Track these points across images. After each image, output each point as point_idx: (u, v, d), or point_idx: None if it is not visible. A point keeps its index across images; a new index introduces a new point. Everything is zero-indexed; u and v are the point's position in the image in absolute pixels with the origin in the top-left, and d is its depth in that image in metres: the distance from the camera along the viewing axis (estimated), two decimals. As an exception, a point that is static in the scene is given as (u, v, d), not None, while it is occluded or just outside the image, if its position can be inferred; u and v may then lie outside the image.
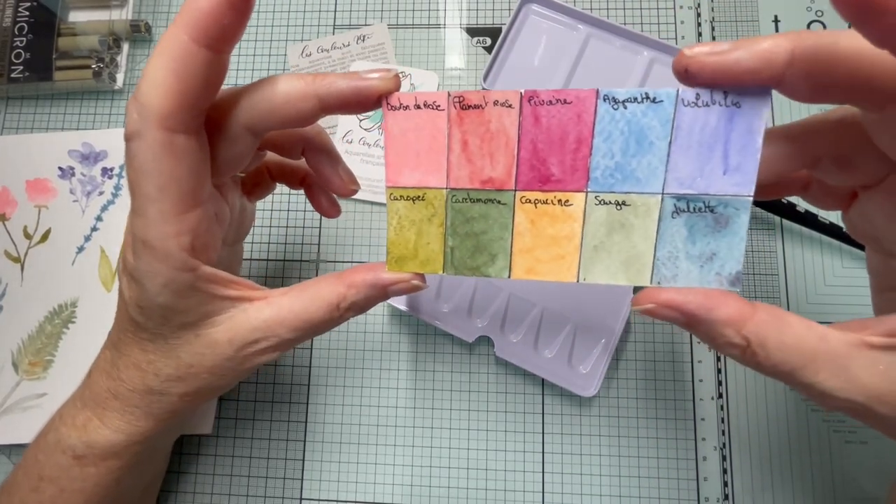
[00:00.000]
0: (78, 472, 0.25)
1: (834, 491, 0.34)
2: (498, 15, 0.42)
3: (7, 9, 0.42)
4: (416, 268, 0.23)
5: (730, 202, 0.19)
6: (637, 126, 0.19)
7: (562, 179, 0.21)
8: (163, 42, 0.19)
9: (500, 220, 0.21)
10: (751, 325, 0.18)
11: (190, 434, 0.36)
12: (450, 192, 0.22)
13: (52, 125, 0.42)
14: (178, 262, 0.21)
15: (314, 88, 0.22)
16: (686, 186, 0.19)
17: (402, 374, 0.37)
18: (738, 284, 0.19)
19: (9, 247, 0.39)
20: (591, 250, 0.21)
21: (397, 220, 0.23)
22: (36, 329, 0.38)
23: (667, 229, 0.20)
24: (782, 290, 0.36)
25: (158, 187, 0.20)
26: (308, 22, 0.42)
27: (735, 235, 0.19)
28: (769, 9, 0.40)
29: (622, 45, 0.39)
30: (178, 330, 0.23)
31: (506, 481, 0.35)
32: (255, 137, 0.23)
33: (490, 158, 0.21)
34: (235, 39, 0.20)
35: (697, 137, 0.19)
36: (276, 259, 0.39)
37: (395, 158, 0.22)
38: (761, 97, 0.18)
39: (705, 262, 0.20)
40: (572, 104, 0.20)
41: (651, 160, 0.20)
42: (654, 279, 0.20)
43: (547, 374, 0.34)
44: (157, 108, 0.19)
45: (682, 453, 0.35)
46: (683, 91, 0.19)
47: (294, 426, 0.37)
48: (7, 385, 0.37)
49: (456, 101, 0.21)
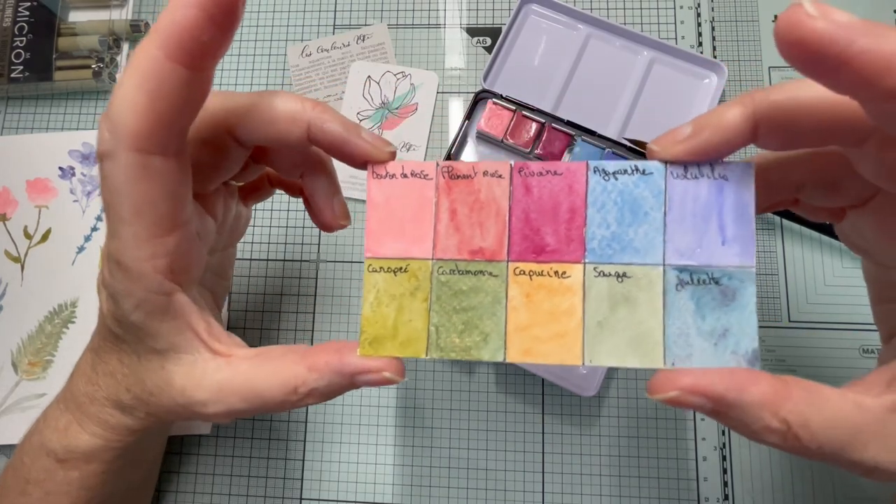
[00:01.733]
0: (62, 476, 0.25)
1: (834, 491, 0.34)
2: (498, 15, 0.42)
3: (7, 9, 0.42)
4: (394, 350, 0.20)
5: (734, 274, 0.19)
6: (630, 197, 0.19)
7: (557, 249, 0.20)
8: (135, 57, 0.18)
9: (493, 293, 0.20)
10: (789, 405, 0.16)
11: (190, 434, 0.36)
12: (436, 262, 0.20)
13: (52, 125, 0.42)
14: (152, 285, 0.20)
15: (309, 116, 0.21)
16: (687, 258, 0.19)
17: (402, 374, 0.37)
18: (757, 363, 0.18)
19: (9, 247, 0.39)
20: (595, 327, 0.19)
21: (375, 294, 0.20)
22: (36, 329, 0.38)
23: (673, 303, 0.19)
24: (782, 290, 0.36)
25: (132, 210, 0.19)
26: (308, 22, 0.42)
27: (744, 309, 0.18)
28: (769, 9, 0.40)
29: (622, 45, 0.39)
30: (149, 353, 0.21)
31: (506, 481, 0.35)
32: (243, 149, 0.22)
33: (480, 228, 0.20)
34: (217, 56, 0.18)
35: (691, 209, 0.19)
36: (276, 259, 0.39)
37: (377, 227, 0.21)
38: (746, 169, 0.19)
39: (718, 339, 0.19)
40: (563, 175, 0.20)
41: (648, 230, 0.19)
42: (668, 360, 0.19)
43: (547, 374, 0.34)
44: (130, 128, 0.18)
45: (682, 453, 0.35)
46: (671, 164, 0.19)
47: (294, 426, 0.37)
48: (6, 385, 0.37)
49: (445, 171, 0.20)
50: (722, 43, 0.40)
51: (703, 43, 0.40)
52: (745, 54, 0.40)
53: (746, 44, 0.40)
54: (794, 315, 0.36)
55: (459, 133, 0.38)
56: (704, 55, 0.38)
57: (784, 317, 0.36)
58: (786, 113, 0.17)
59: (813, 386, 0.17)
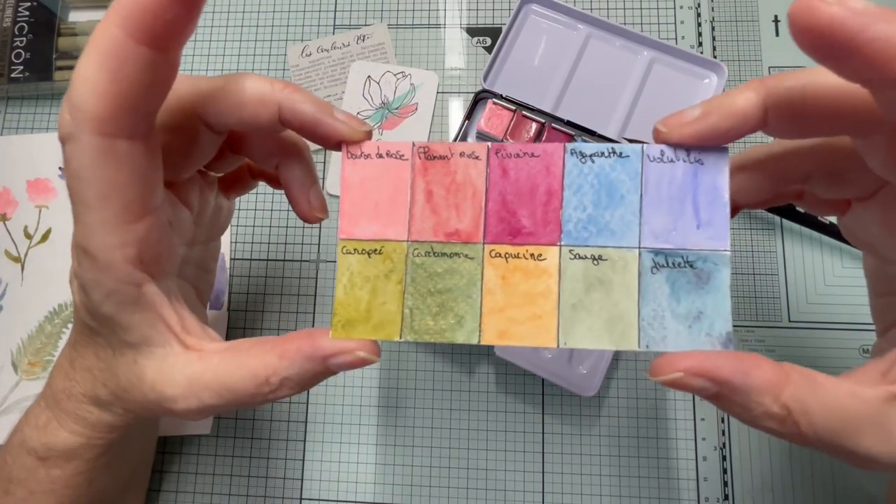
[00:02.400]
0: (44, 475, 0.25)
1: (834, 491, 0.34)
2: (498, 15, 0.42)
3: (7, 9, 0.42)
4: (367, 333, 0.20)
5: (708, 257, 0.19)
6: (607, 179, 0.19)
7: (533, 232, 0.20)
8: (94, 37, 0.17)
9: (468, 275, 0.20)
10: (789, 390, 0.16)
11: (190, 434, 0.36)
12: (411, 244, 0.20)
13: (53, 125, 0.42)
14: (121, 275, 0.19)
15: (279, 97, 0.20)
16: (662, 241, 0.19)
17: (402, 373, 0.37)
18: (731, 345, 0.18)
19: (9, 247, 0.39)
20: (570, 309, 0.19)
21: (348, 276, 0.20)
22: (36, 329, 0.38)
23: (648, 286, 0.19)
24: (782, 290, 0.36)
25: (98, 195, 0.18)
26: (308, 22, 0.42)
27: (718, 292, 0.19)
28: (769, 9, 0.40)
29: (622, 45, 0.39)
30: (122, 346, 0.21)
31: (506, 481, 0.35)
32: (215, 134, 0.22)
33: (456, 210, 0.20)
34: (183, 36, 0.18)
35: (666, 192, 0.19)
36: (276, 259, 0.39)
37: (352, 208, 0.20)
38: (720, 154, 0.19)
39: (693, 321, 0.19)
40: (540, 157, 0.20)
41: (624, 213, 0.19)
42: (643, 342, 0.19)
43: (547, 374, 0.34)
44: (91, 111, 0.17)
45: (682, 453, 0.35)
46: (648, 147, 0.19)
47: (294, 426, 0.37)
48: (6, 385, 0.37)
49: (420, 152, 0.20)
50: (722, 43, 0.40)
51: (703, 43, 0.40)
52: (745, 54, 0.40)
53: (746, 44, 0.40)
54: (794, 315, 0.36)
55: (459, 133, 0.38)
56: (704, 55, 0.38)
57: (784, 317, 0.36)
58: (798, 100, 0.17)
59: (809, 373, 0.17)
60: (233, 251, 0.39)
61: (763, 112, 0.17)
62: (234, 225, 0.40)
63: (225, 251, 0.39)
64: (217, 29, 0.43)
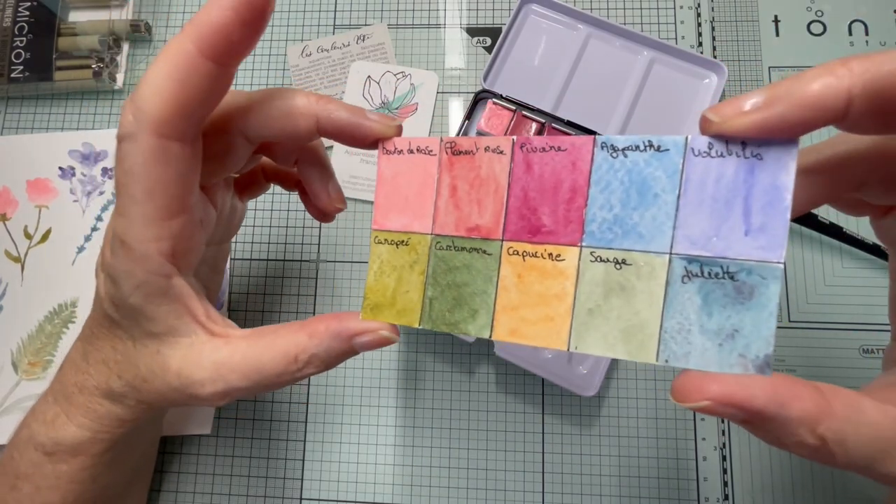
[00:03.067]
0: (50, 470, 0.25)
1: (834, 491, 0.34)
2: (498, 15, 0.42)
3: (7, 9, 0.42)
4: (391, 318, 0.21)
5: (754, 269, 0.16)
6: (639, 176, 0.18)
7: (554, 231, 0.19)
8: (168, 49, 0.19)
9: (485, 271, 0.20)
10: (829, 423, 0.15)
11: (190, 434, 0.36)
12: (434, 238, 0.21)
13: (52, 125, 0.42)
14: (153, 266, 0.20)
15: (316, 110, 0.22)
16: (699, 247, 0.17)
17: (402, 374, 0.37)
18: (768, 370, 0.16)
19: (9, 247, 0.39)
20: (586, 314, 0.18)
21: (378, 264, 0.21)
22: (36, 329, 0.38)
23: (676, 296, 0.17)
24: (782, 290, 0.36)
25: (145, 191, 0.19)
26: (308, 22, 0.42)
27: (763, 309, 0.16)
28: (769, 9, 0.40)
29: (622, 45, 0.39)
30: (145, 337, 0.22)
31: (506, 481, 0.35)
32: (250, 144, 0.23)
33: (478, 205, 0.20)
34: (244, 55, 0.20)
35: (711, 191, 0.17)
36: (276, 259, 0.39)
37: (385, 201, 0.21)
38: (787, 147, 0.16)
39: (725, 339, 0.16)
40: (567, 151, 0.19)
41: (656, 214, 0.17)
42: (662, 355, 0.17)
43: (547, 374, 0.34)
44: (155, 113, 0.19)
45: (682, 453, 0.35)
46: (693, 139, 0.17)
47: (294, 426, 0.37)
48: (6, 385, 0.37)
49: (448, 147, 0.20)
50: (722, 43, 0.40)
51: (703, 43, 0.40)
52: (745, 54, 0.40)
53: (746, 44, 0.40)
54: (794, 315, 0.36)
55: (459, 133, 0.38)
56: (704, 55, 0.38)
57: (784, 317, 0.36)
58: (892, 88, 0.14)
59: (853, 398, 0.16)
60: (233, 251, 0.39)
61: (846, 103, 0.15)
62: (234, 225, 0.40)
63: (225, 251, 0.39)
64: (217, 29, 0.43)
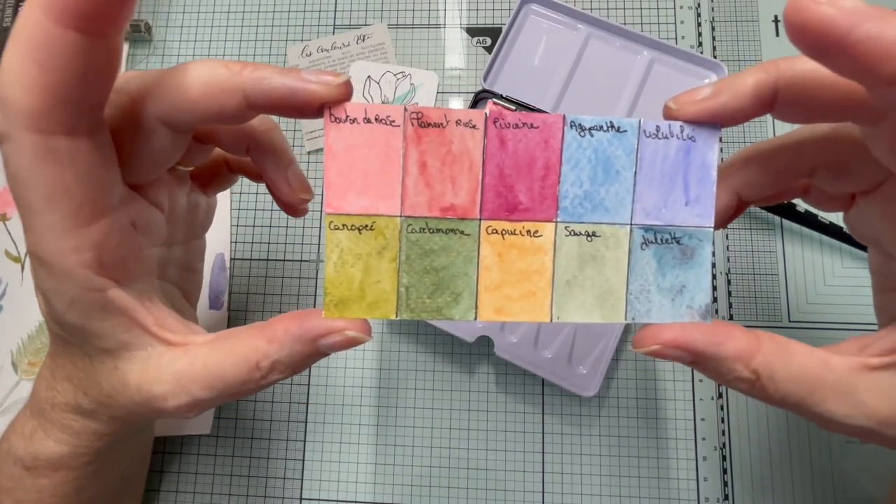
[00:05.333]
0: (31, 483, 0.24)
1: (834, 491, 0.34)
2: (498, 15, 0.42)
3: (7, 9, 0.42)
4: (361, 312, 0.19)
5: (693, 233, 0.19)
6: (604, 154, 0.19)
7: (530, 208, 0.19)
8: (18, 24, 0.15)
9: (464, 252, 0.19)
10: (759, 358, 0.18)
11: (190, 434, 0.36)
12: (405, 220, 0.19)
13: (52, 125, 0.42)
14: (80, 281, 0.18)
15: (239, 81, 0.18)
16: (652, 217, 0.19)
17: (402, 373, 0.37)
18: (709, 316, 0.19)
19: (9, 246, 0.39)
20: (565, 285, 0.20)
21: (338, 253, 0.19)
22: (36, 329, 0.38)
23: (637, 262, 0.20)
24: (782, 290, 0.36)
25: (43, 198, 0.17)
26: (308, 22, 0.42)
27: (700, 267, 0.19)
28: (769, 9, 0.40)
29: (622, 45, 0.39)
30: (100, 354, 0.20)
31: (506, 481, 0.35)
32: (175, 132, 0.20)
33: (452, 183, 0.19)
34: (120, 19, 0.16)
35: (659, 169, 0.19)
36: (276, 259, 0.39)
37: (339, 180, 0.19)
38: (712, 131, 0.19)
39: (676, 294, 0.20)
40: (539, 129, 0.19)
41: (619, 190, 0.19)
42: (629, 315, 0.20)
43: (547, 374, 0.34)
44: (23, 106, 0.15)
45: (682, 453, 0.35)
46: (645, 122, 0.19)
47: (294, 426, 0.37)
48: (6, 385, 0.37)
49: (413, 118, 0.19)
50: (722, 43, 0.40)
51: (703, 43, 0.40)
52: (745, 54, 0.40)
53: (746, 44, 0.40)
54: (794, 315, 0.36)
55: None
56: (704, 55, 0.38)
57: (784, 317, 0.36)
58: (808, 84, 0.17)
59: (783, 341, 0.18)
60: (233, 251, 0.39)
61: (773, 94, 0.18)
62: (234, 225, 0.40)
63: (225, 251, 0.39)
64: (217, 29, 0.43)
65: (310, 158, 0.40)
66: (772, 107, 0.18)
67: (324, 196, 0.20)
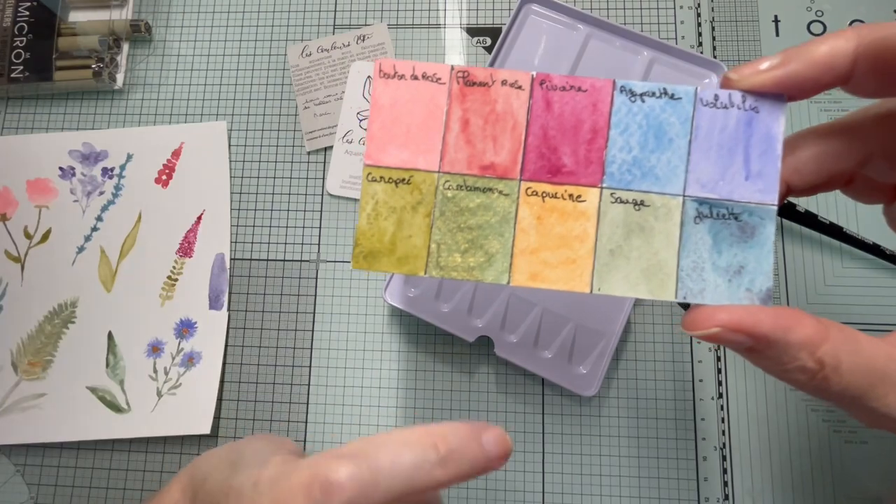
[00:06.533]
0: None
1: (834, 491, 0.34)
2: (498, 15, 0.42)
3: (7, 9, 0.42)
4: (390, 266, 0.19)
5: (754, 210, 0.18)
6: (656, 121, 0.18)
7: (574, 171, 0.19)
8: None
9: (501, 212, 0.19)
10: (826, 347, 0.16)
11: (190, 434, 0.36)
12: (442, 176, 0.19)
13: (53, 125, 0.42)
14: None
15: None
16: (708, 190, 0.18)
17: (402, 374, 0.37)
18: (770, 301, 0.18)
19: (9, 247, 0.39)
20: (608, 255, 0.19)
21: (373, 205, 0.19)
22: (35, 329, 0.38)
23: (690, 236, 0.18)
24: (782, 289, 0.36)
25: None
26: (308, 22, 0.42)
27: (762, 247, 0.18)
28: (769, 9, 0.40)
29: (622, 45, 0.39)
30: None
31: (506, 481, 0.35)
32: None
33: (493, 142, 0.19)
34: None
35: (717, 139, 0.18)
36: (276, 259, 0.39)
37: (381, 132, 0.19)
38: (778, 102, 0.18)
39: (733, 275, 0.18)
40: (587, 92, 0.19)
41: (671, 158, 0.18)
42: (680, 293, 0.18)
43: (547, 374, 0.34)
44: None
45: (682, 453, 0.35)
46: (702, 91, 0.18)
47: (294, 426, 0.36)
48: (6, 385, 0.37)
49: (459, 76, 0.19)
50: (722, 43, 0.40)
51: (703, 43, 0.40)
52: (745, 54, 0.40)
53: (746, 44, 0.40)
54: (795, 315, 0.36)
55: (459, 133, 0.38)
56: (704, 55, 0.38)
57: (784, 317, 0.36)
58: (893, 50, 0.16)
59: (850, 331, 0.17)
60: (233, 251, 0.39)
61: (851, 63, 0.16)
62: (234, 225, 0.40)
63: (225, 251, 0.39)
64: (217, 29, 0.43)
65: (310, 158, 0.40)
66: (847, 79, 0.17)
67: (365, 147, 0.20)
